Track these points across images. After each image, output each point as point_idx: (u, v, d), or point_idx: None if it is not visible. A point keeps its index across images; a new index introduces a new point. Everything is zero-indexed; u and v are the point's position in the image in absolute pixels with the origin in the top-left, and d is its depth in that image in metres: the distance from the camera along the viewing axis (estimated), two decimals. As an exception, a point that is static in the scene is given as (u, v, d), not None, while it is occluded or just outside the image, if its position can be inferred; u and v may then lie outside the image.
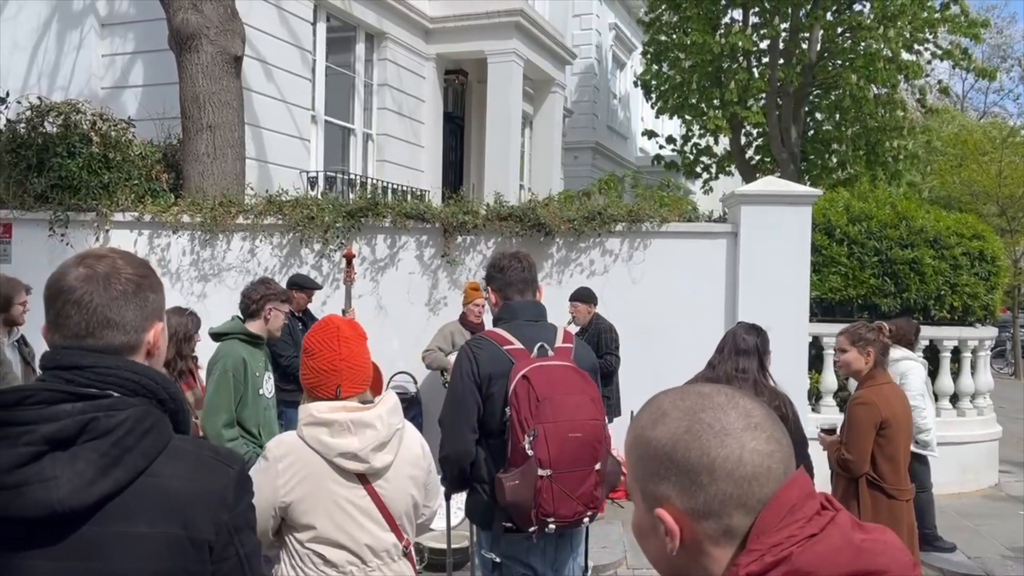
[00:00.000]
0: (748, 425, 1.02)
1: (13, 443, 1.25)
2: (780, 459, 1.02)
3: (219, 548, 1.34)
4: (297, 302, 6.63)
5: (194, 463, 1.37)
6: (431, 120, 12.32)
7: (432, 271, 7.43)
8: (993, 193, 17.82)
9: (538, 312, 3.16)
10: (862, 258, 7.71)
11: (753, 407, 1.05)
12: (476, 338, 3.12)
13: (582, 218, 7.14)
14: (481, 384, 2.93)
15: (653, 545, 1.06)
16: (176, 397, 1.39)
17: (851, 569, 0.95)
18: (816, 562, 0.95)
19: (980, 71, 14.13)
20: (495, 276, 3.18)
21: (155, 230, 7.46)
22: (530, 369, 2.85)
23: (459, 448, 2.95)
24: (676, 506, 1.02)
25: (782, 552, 0.95)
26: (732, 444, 1.00)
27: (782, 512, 0.98)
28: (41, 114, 7.53)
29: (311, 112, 10.34)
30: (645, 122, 20.06)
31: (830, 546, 0.96)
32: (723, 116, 14.05)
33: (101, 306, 1.36)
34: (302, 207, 7.29)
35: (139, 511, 1.29)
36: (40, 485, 1.24)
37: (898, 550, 1.00)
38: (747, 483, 0.99)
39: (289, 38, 9.73)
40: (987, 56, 27.93)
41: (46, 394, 1.29)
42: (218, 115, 7.61)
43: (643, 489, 1.06)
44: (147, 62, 9.06)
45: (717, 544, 1.01)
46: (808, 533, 0.97)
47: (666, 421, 1.05)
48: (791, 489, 1.00)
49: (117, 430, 1.28)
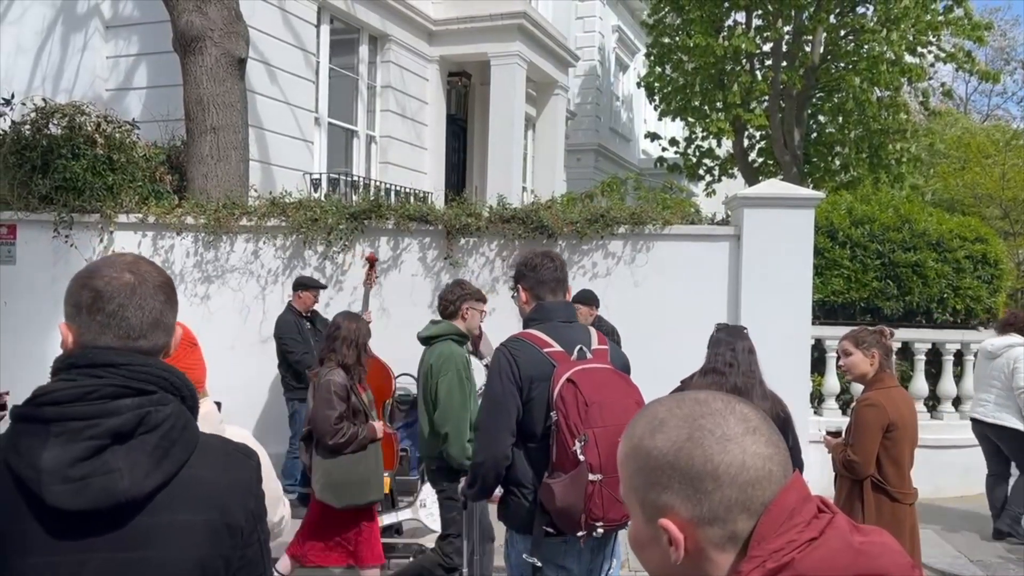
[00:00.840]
0: (747, 429, 1.02)
1: (74, 437, 1.29)
2: (779, 462, 1.02)
3: (247, 534, 1.43)
4: (304, 302, 6.71)
5: (223, 455, 1.46)
6: (434, 122, 12.34)
7: (435, 273, 7.44)
8: (996, 196, 17.81)
9: (571, 313, 3.13)
10: (864, 261, 7.71)
11: (749, 411, 1.05)
12: (513, 340, 3.03)
13: (585, 220, 7.15)
14: (522, 387, 2.88)
15: (655, 555, 1.05)
16: (193, 395, 1.46)
17: (852, 573, 0.96)
18: (817, 567, 0.95)
19: (983, 74, 14.12)
20: (526, 274, 3.12)
21: (159, 232, 7.48)
22: (574, 372, 2.82)
23: (498, 453, 2.91)
24: (680, 515, 1.01)
25: (783, 558, 0.96)
26: (734, 449, 1.00)
27: (782, 517, 0.99)
28: (45, 116, 7.55)
29: (314, 114, 10.36)
30: (648, 124, 20.07)
31: (830, 550, 0.97)
32: (726, 118, 14.06)
33: (155, 310, 1.44)
34: (305, 209, 7.31)
35: (183, 501, 1.36)
36: (106, 477, 1.29)
37: (896, 552, 1.01)
38: (751, 487, 1.00)
39: (293, 40, 9.76)
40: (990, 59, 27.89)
41: (109, 389, 1.33)
42: (222, 117, 7.63)
43: (643, 500, 1.05)
44: (151, 64, 9.09)
45: (722, 550, 1.01)
46: (808, 537, 0.97)
47: (665, 429, 1.04)
48: (790, 493, 1.01)
49: (164, 424, 1.35)
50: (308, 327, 6.74)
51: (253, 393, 7.26)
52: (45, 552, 1.30)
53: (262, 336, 7.31)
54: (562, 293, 3.13)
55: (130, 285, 1.43)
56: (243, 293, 7.43)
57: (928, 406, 7.68)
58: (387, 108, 11.53)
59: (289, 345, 6.59)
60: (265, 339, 7.26)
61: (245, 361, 7.25)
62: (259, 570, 1.46)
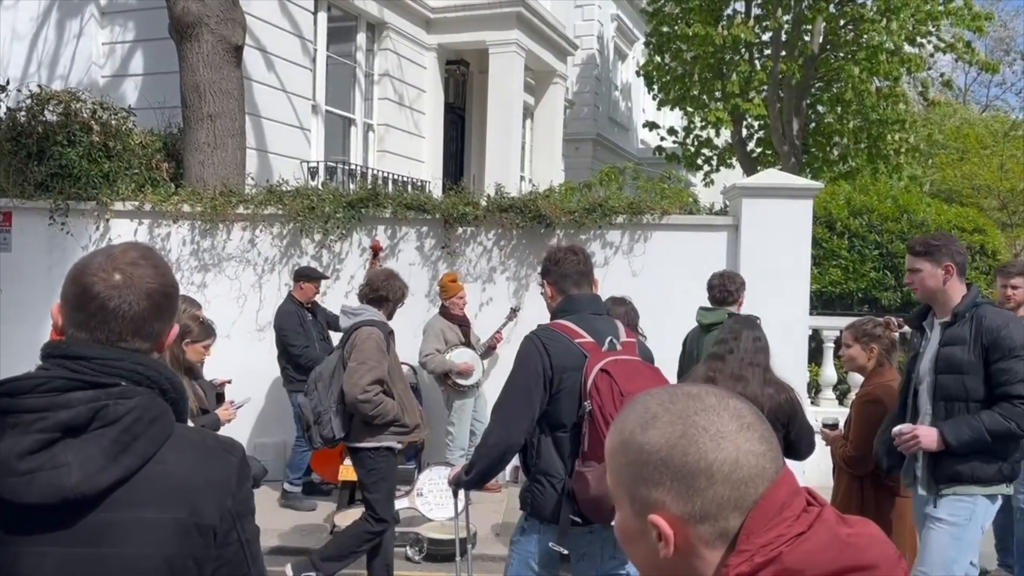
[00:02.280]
0: (741, 426, 1.01)
1: (25, 430, 1.27)
2: (772, 458, 1.01)
3: (223, 533, 1.37)
4: (305, 293, 6.68)
5: (199, 451, 1.40)
6: (432, 111, 12.29)
7: (432, 262, 7.43)
8: (994, 187, 17.81)
9: (599, 306, 3.16)
10: (863, 251, 7.71)
11: (742, 407, 1.04)
12: (545, 329, 3.04)
13: (583, 210, 7.13)
14: (553, 377, 2.90)
15: (642, 550, 1.05)
16: (177, 387, 1.42)
17: (839, 565, 0.95)
18: (805, 560, 0.95)
19: (983, 64, 14.08)
20: (551, 269, 3.17)
21: (155, 220, 7.45)
22: (608, 363, 2.85)
23: (512, 441, 2.94)
24: (670, 511, 1.00)
25: (771, 552, 0.95)
26: (728, 447, 0.99)
27: (772, 511, 0.98)
28: (41, 103, 7.50)
29: (312, 102, 10.31)
30: (646, 114, 20.01)
31: (818, 543, 0.96)
32: (725, 108, 14.02)
33: (137, 317, 1.39)
34: (302, 197, 7.28)
35: (147, 498, 1.31)
36: (53, 472, 1.26)
37: (882, 543, 1.01)
38: (743, 485, 0.99)
39: (290, 27, 9.70)
40: (990, 49, 27.83)
41: (59, 382, 1.30)
42: (219, 104, 7.60)
43: (632, 494, 1.04)
44: (148, 51, 9.04)
45: (712, 547, 1.00)
46: (796, 532, 0.97)
47: (658, 425, 1.02)
48: (780, 488, 1.00)
49: (126, 418, 1.31)
50: (310, 319, 6.71)
51: (250, 382, 7.22)
52: (6, 543, 1.28)
53: (259, 324, 7.30)
54: (588, 286, 3.16)
55: (116, 288, 1.38)
56: (240, 282, 7.41)
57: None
58: (385, 96, 11.48)
59: (291, 338, 6.55)
60: (262, 327, 7.24)
61: (242, 350, 7.23)
62: (241, 571, 1.41)
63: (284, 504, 6.53)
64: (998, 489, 3.32)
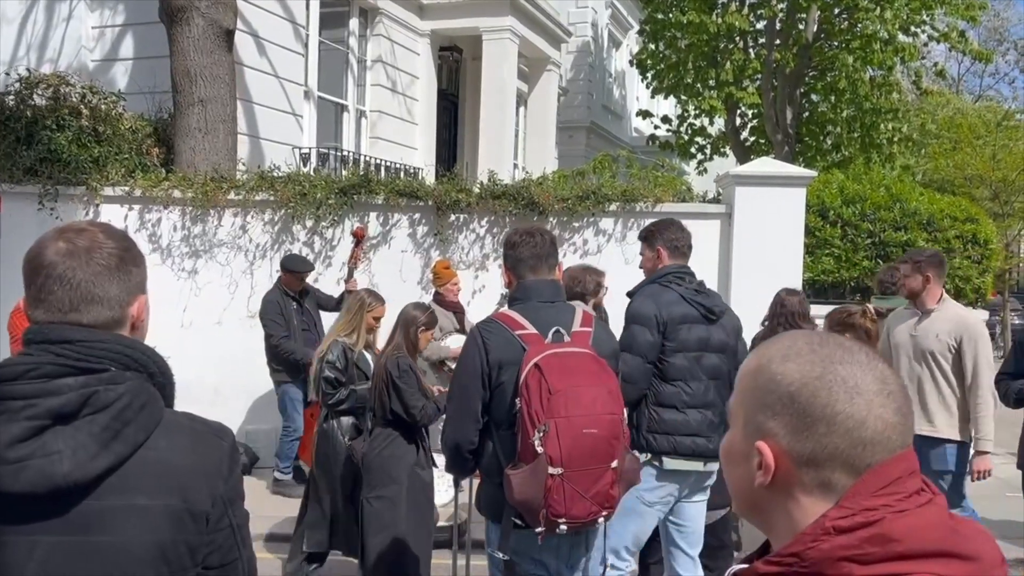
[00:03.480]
0: (882, 391, 0.99)
1: (14, 417, 1.24)
2: (901, 431, 1.00)
3: (214, 519, 1.36)
4: (291, 282, 6.62)
5: (189, 436, 1.38)
6: (425, 97, 12.23)
7: (425, 249, 7.40)
8: (987, 177, 17.81)
9: (554, 292, 2.94)
10: (855, 240, 7.72)
11: (890, 375, 1.02)
12: (486, 321, 2.91)
13: (576, 197, 7.11)
14: (491, 372, 2.75)
15: (740, 472, 1.04)
16: (165, 371, 1.39)
17: (941, 547, 0.93)
18: (907, 533, 0.93)
19: (976, 54, 14.07)
20: (507, 253, 3.00)
21: (145, 205, 7.40)
22: (543, 357, 2.65)
23: (461, 439, 2.83)
24: (781, 444, 0.99)
25: (874, 516, 0.94)
26: (861, 404, 0.98)
27: (885, 481, 0.97)
28: (30, 86, 7.43)
29: (304, 88, 10.24)
30: (640, 102, 19.96)
31: (926, 521, 0.95)
32: (718, 97, 13.99)
33: (85, 281, 1.35)
34: (294, 183, 7.24)
35: (139, 484, 1.30)
36: (45, 460, 1.24)
37: (990, 540, 0.99)
38: (862, 446, 0.97)
39: (282, 12, 9.62)
40: (983, 39, 27.87)
41: (48, 368, 1.28)
42: (210, 89, 7.54)
43: (748, 416, 1.03)
44: (138, 35, 8.95)
45: (809, 493, 0.99)
46: (904, 507, 0.95)
47: (798, 360, 1.01)
48: (899, 462, 0.98)
49: (116, 403, 1.28)
50: (294, 307, 6.64)
51: (241, 368, 7.22)
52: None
53: (250, 311, 7.26)
54: (545, 271, 2.95)
55: (60, 254, 1.35)
56: (231, 268, 7.37)
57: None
58: (377, 82, 11.41)
59: (269, 328, 6.49)
60: (253, 314, 7.20)
61: (232, 336, 7.22)
62: (232, 555, 1.40)
63: (275, 491, 6.53)
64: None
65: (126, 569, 1.28)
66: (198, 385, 6.91)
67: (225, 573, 1.39)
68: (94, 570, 1.27)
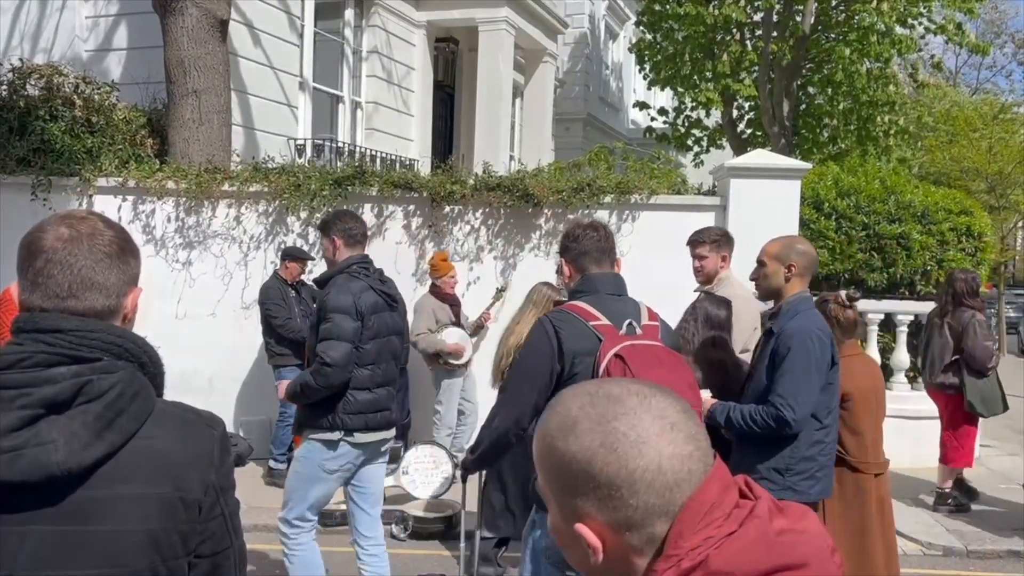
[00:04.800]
0: (664, 428, 0.97)
1: (7, 407, 1.24)
2: (699, 458, 0.98)
3: (207, 507, 1.37)
4: (290, 272, 6.69)
5: (181, 425, 1.39)
6: (421, 89, 12.20)
7: (419, 241, 7.39)
8: (983, 170, 17.81)
9: (620, 286, 2.94)
10: (850, 232, 7.72)
11: (666, 405, 1.00)
12: (558, 312, 2.87)
13: (571, 189, 7.10)
14: (564, 362, 2.72)
15: (577, 554, 1.02)
16: (155, 361, 1.39)
17: (767, 565, 0.92)
18: (731, 562, 0.92)
19: (973, 47, 14.04)
20: (569, 246, 2.97)
21: (139, 196, 7.38)
22: (623, 348, 2.64)
23: (516, 423, 2.80)
24: (597, 520, 0.97)
25: (699, 556, 0.92)
26: (650, 453, 0.95)
27: (700, 513, 0.95)
28: (23, 76, 7.41)
29: (299, 78, 10.21)
30: (637, 94, 19.94)
31: (746, 542, 0.93)
32: (715, 89, 13.97)
33: (85, 267, 1.35)
34: (288, 175, 7.23)
35: (132, 473, 1.30)
36: (39, 448, 1.23)
37: (814, 536, 0.98)
38: (669, 491, 0.95)
39: (277, 2, 9.59)
40: (981, 31, 27.82)
41: (41, 356, 1.27)
42: (204, 80, 7.51)
43: (559, 499, 1.01)
44: (131, 25, 8.92)
45: (641, 553, 0.98)
46: (726, 532, 0.94)
47: (578, 432, 0.98)
48: (708, 487, 0.97)
49: (110, 393, 1.28)
50: (293, 295, 6.72)
51: (235, 359, 7.23)
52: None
53: (244, 302, 7.26)
54: (608, 264, 2.96)
55: (61, 239, 1.35)
56: (225, 259, 7.36)
57: (909, 377, 7.73)
58: (373, 74, 11.38)
59: (272, 311, 6.57)
60: (247, 305, 7.21)
61: (227, 327, 7.22)
62: (224, 544, 1.41)
63: (269, 482, 6.53)
64: None
65: (119, 558, 1.29)
66: (192, 376, 6.92)
67: (217, 561, 1.39)
68: (87, 559, 1.27)
